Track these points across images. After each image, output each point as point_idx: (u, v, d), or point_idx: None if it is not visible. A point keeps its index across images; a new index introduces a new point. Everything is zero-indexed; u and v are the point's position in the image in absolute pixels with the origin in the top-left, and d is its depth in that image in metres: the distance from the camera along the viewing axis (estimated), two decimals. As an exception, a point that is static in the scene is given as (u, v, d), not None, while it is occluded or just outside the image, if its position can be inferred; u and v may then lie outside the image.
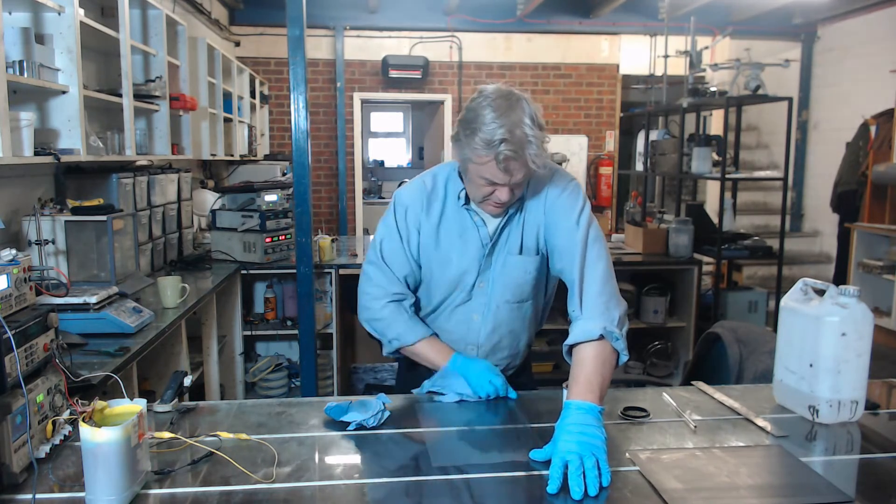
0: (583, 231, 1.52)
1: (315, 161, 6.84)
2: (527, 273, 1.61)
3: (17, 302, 1.49)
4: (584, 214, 1.54)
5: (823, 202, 6.49)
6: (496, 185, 1.45)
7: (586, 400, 1.29)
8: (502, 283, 1.61)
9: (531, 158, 1.39)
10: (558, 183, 1.57)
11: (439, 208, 1.61)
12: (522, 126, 1.37)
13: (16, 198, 2.54)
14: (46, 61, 2.38)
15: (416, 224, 1.61)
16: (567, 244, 1.52)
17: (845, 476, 1.26)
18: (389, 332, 1.64)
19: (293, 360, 4.11)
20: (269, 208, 3.73)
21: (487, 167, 1.42)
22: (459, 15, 6.68)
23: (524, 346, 1.75)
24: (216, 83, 4.64)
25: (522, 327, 1.70)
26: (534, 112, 1.40)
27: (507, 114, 1.38)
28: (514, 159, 1.38)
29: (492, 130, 1.37)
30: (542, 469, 1.22)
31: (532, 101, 1.43)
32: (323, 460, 1.28)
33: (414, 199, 1.62)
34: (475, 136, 1.40)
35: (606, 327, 1.42)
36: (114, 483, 1.07)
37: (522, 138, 1.37)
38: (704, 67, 4.96)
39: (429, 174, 1.66)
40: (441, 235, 1.61)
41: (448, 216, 1.61)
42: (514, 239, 1.59)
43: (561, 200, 1.56)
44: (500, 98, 1.41)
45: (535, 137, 1.38)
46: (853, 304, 1.40)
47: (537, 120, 1.40)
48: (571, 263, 1.51)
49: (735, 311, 4.40)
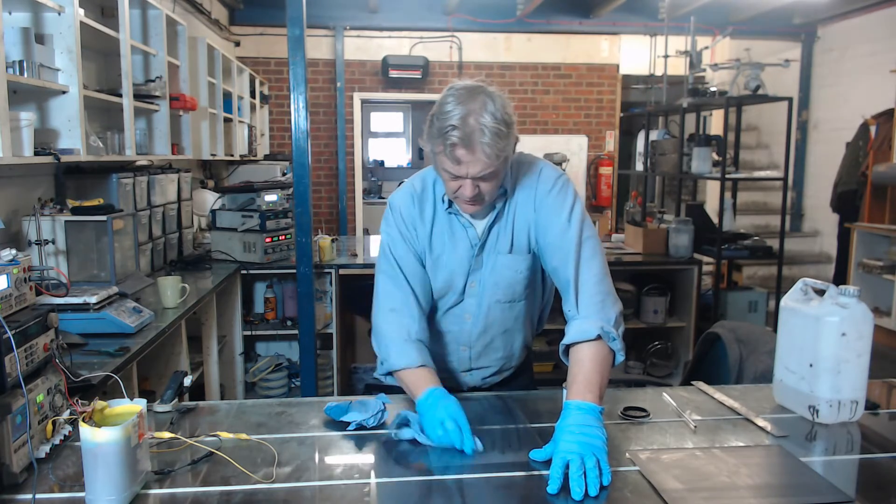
0: (575, 228, 1.50)
1: (315, 161, 6.85)
2: (518, 272, 1.59)
3: (17, 302, 1.49)
4: (575, 211, 1.51)
5: (823, 202, 6.49)
6: (459, 180, 1.42)
7: (586, 400, 1.29)
8: (493, 283, 1.59)
9: (483, 149, 1.34)
10: (547, 179, 1.54)
11: (431, 211, 1.59)
12: (477, 115, 1.34)
13: (16, 198, 2.54)
14: (46, 61, 2.38)
15: (413, 225, 1.59)
16: (560, 242, 1.50)
17: (845, 476, 1.26)
18: (381, 351, 1.55)
19: (293, 360, 4.11)
20: (269, 208, 3.73)
21: (442, 157, 1.40)
22: (459, 15, 6.67)
23: (520, 347, 1.73)
24: (216, 83, 4.64)
25: (516, 327, 1.68)
26: (498, 106, 1.37)
27: (464, 103, 1.36)
28: (461, 147, 1.35)
29: (445, 118, 1.36)
30: (542, 469, 1.22)
31: (502, 97, 1.39)
32: (323, 460, 1.28)
33: (407, 203, 1.60)
34: (434, 125, 1.39)
35: (603, 327, 1.41)
36: (114, 483, 1.07)
37: (474, 126, 1.34)
38: (704, 67, 4.96)
39: (417, 177, 1.64)
40: (434, 238, 1.59)
41: (439, 218, 1.59)
42: (503, 238, 1.57)
43: (550, 197, 1.53)
44: (463, 90, 1.39)
45: (490, 129, 1.34)
46: (853, 304, 1.40)
47: (500, 114, 1.36)
48: (565, 262, 1.48)
49: (735, 311, 4.40)
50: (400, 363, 1.48)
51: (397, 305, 1.55)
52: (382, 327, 1.55)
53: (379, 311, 1.58)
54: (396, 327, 1.53)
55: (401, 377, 1.49)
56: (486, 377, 1.72)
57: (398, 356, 1.49)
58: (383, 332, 1.54)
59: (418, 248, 1.59)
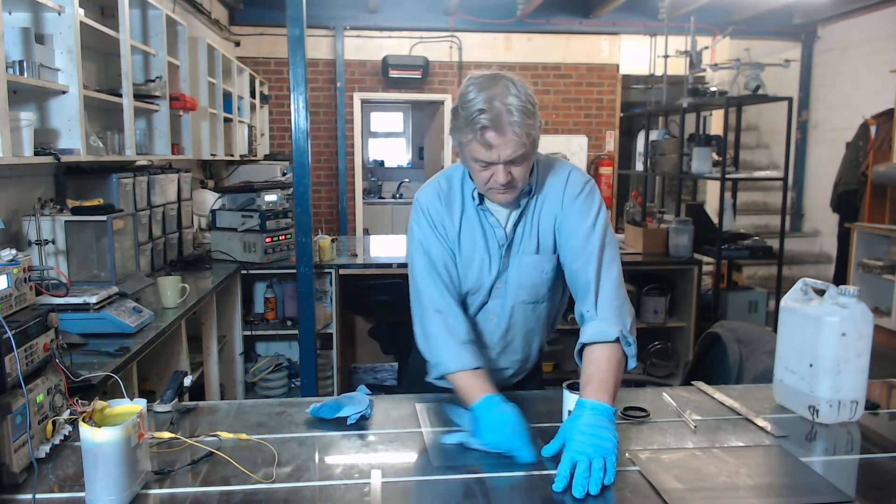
0: (599, 233, 1.51)
1: (315, 161, 6.85)
2: (543, 273, 1.58)
3: (17, 302, 1.49)
4: (600, 216, 1.53)
5: (823, 202, 6.49)
6: (490, 166, 1.42)
7: (600, 400, 1.28)
8: (518, 284, 1.58)
9: (513, 129, 1.35)
10: (575, 183, 1.55)
11: (459, 210, 1.58)
12: (502, 97, 1.35)
13: (16, 198, 2.54)
14: (46, 61, 2.38)
15: (443, 224, 1.58)
16: (584, 245, 1.50)
17: (845, 476, 1.26)
18: (432, 355, 1.52)
19: (293, 360, 4.11)
20: (269, 208, 3.73)
21: (473, 145, 1.40)
22: (459, 15, 6.68)
23: (536, 349, 1.72)
24: (216, 83, 4.64)
25: (536, 328, 1.67)
26: (521, 88, 1.38)
27: (487, 89, 1.37)
28: (491, 129, 1.35)
29: (471, 104, 1.37)
30: (541, 469, 1.22)
31: (521, 81, 1.40)
32: (323, 460, 1.28)
33: (434, 201, 1.59)
34: (459, 116, 1.40)
35: (622, 331, 1.42)
36: (114, 483, 1.07)
37: (501, 109, 1.35)
38: (704, 67, 4.96)
39: (442, 176, 1.63)
40: (463, 237, 1.58)
41: (467, 218, 1.58)
42: (529, 239, 1.56)
43: (578, 201, 1.53)
44: (482, 78, 1.41)
45: (517, 108, 1.35)
46: (853, 304, 1.40)
47: (523, 95, 1.37)
48: (587, 265, 1.49)
49: (735, 311, 4.40)
50: (454, 366, 1.46)
51: (443, 307, 1.53)
52: (431, 330, 1.52)
53: (424, 313, 1.55)
54: (445, 329, 1.50)
55: (455, 380, 1.46)
56: (504, 379, 1.71)
57: (451, 359, 1.47)
58: (433, 335, 1.52)
59: (451, 246, 1.58)
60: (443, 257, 1.56)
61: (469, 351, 1.48)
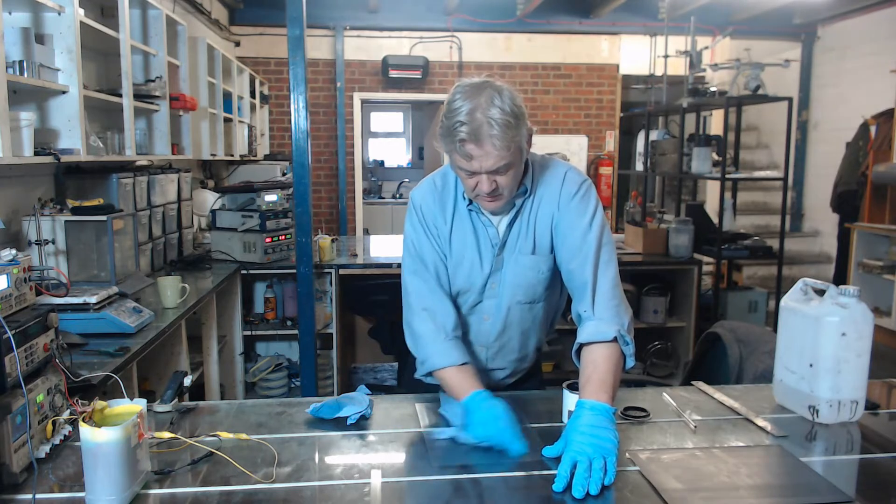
0: (596, 233, 1.50)
1: (315, 161, 6.85)
2: (539, 273, 1.58)
3: (17, 302, 1.49)
4: (597, 216, 1.53)
5: (823, 202, 6.49)
6: (474, 176, 1.41)
7: (600, 400, 1.28)
8: (514, 284, 1.58)
9: (492, 142, 1.34)
10: (572, 182, 1.55)
11: (451, 209, 1.58)
12: (485, 109, 1.34)
13: (16, 198, 2.54)
14: (46, 61, 2.38)
15: (435, 223, 1.58)
16: (580, 245, 1.50)
17: (845, 476, 1.26)
18: (420, 352, 1.53)
19: (293, 360, 4.11)
20: (269, 208, 3.73)
21: (454, 155, 1.40)
22: (459, 15, 6.68)
23: (533, 349, 1.72)
24: (216, 83, 4.64)
25: (533, 328, 1.67)
26: (506, 99, 1.36)
27: (471, 99, 1.35)
28: (470, 141, 1.34)
29: (453, 114, 1.36)
30: (541, 469, 1.22)
31: (509, 90, 1.39)
32: (323, 460, 1.28)
33: (427, 199, 1.59)
34: (443, 125, 1.39)
35: (619, 331, 1.42)
36: (114, 483, 1.07)
37: (482, 121, 1.33)
38: (704, 67, 4.96)
39: (438, 174, 1.63)
40: (454, 236, 1.58)
41: (459, 216, 1.58)
42: (525, 239, 1.56)
43: (575, 201, 1.53)
44: (469, 86, 1.39)
45: (498, 121, 1.33)
46: (853, 304, 1.40)
47: (507, 106, 1.35)
48: (584, 265, 1.49)
49: (735, 311, 4.40)
50: (441, 362, 1.47)
51: (430, 304, 1.54)
52: (418, 327, 1.54)
53: (412, 310, 1.56)
54: (432, 326, 1.51)
55: (442, 377, 1.48)
56: (500, 378, 1.71)
57: (439, 356, 1.48)
58: (419, 332, 1.53)
59: (442, 245, 1.58)
60: (432, 255, 1.57)
61: (456, 348, 1.49)
